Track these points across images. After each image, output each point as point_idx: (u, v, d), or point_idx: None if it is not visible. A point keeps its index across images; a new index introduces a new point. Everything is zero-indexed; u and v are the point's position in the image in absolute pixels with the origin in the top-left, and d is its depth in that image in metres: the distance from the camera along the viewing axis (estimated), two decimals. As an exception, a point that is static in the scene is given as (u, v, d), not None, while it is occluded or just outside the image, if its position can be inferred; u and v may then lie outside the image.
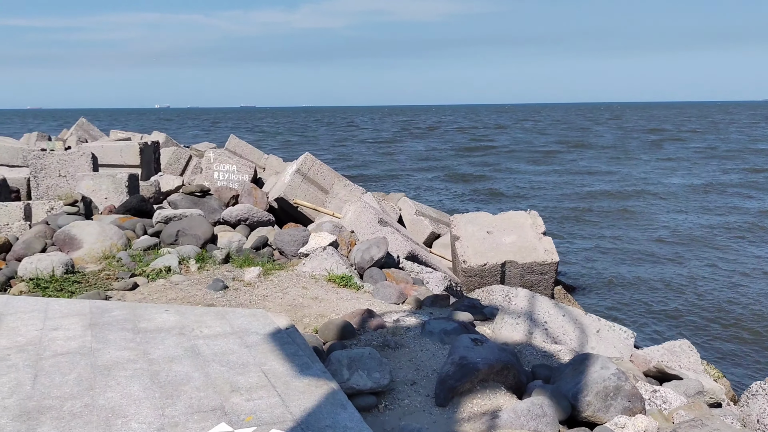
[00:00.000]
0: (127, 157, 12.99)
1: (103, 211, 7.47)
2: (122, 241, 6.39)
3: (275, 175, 14.79)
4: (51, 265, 5.35)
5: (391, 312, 5.10)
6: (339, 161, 34.85)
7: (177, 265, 5.81)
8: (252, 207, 7.17)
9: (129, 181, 9.39)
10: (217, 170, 13.13)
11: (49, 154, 10.61)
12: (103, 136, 19.73)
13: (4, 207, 7.36)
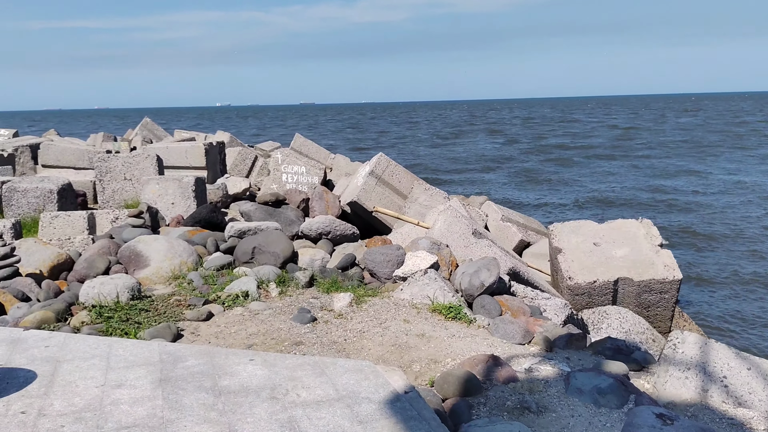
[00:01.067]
0: (192, 159, 12.49)
1: (170, 222, 6.82)
2: (192, 259, 5.69)
3: (345, 176, 14.03)
4: (115, 289, 4.68)
5: (518, 356, 4.17)
6: (402, 160, 33.30)
7: (255, 290, 5.05)
8: (334, 219, 6.35)
9: (196, 185, 8.80)
10: (285, 172, 12.47)
11: (114, 157, 10.17)
12: (167, 136, 19.51)
13: (67, 217, 6.82)
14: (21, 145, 14.30)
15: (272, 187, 12.32)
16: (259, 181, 14.35)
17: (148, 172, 10.20)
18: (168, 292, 5.16)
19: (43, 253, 5.31)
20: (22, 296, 4.77)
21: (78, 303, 4.68)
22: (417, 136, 55.24)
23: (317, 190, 11.03)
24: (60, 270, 5.39)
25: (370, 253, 5.61)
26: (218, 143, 13.58)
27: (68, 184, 9.25)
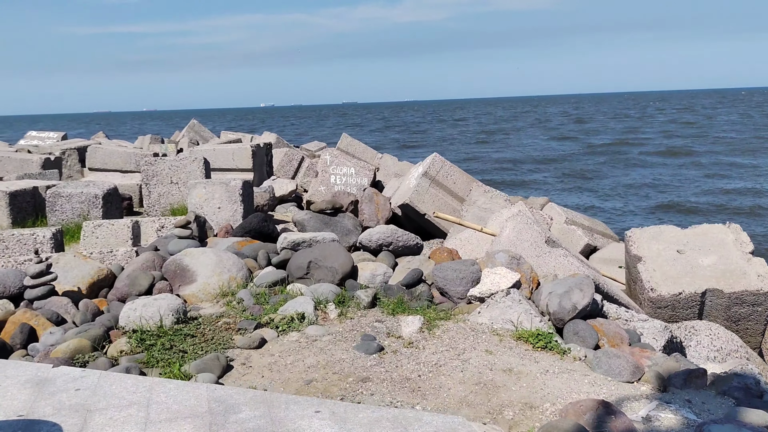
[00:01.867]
0: (239, 161, 12.08)
1: (218, 232, 6.32)
2: (242, 274, 5.15)
3: (395, 177, 13.42)
4: (158, 312, 4.16)
5: (629, 400, 3.46)
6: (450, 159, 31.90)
7: (312, 312, 4.46)
8: (396, 229, 5.72)
9: (243, 188, 8.32)
10: (333, 173, 11.91)
11: (161, 161, 9.80)
12: (213, 138, 19.26)
13: (110, 226, 6.39)
14: (68, 148, 14.16)
15: (320, 189, 11.79)
16: (306, 182, 13.87)
17: (194, 176, 9.80)
18: (216, 313, 4.62)
19: (83, 268, 4.86)
20: (56, 318, 4.30)
21: (117, 327, 4.18)
22: (462, 135, 53.96)
23: (367, 192, 10.44)
24: (100, 286, 4.93)
25: (441, 269, 4.96)
26: (265, 144, 13.14)
27: (114, 188, 8.90)
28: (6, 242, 5.87)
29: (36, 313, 4.19)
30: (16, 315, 4.13)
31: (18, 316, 4.13)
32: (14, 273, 4.61)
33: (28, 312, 4.17)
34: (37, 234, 5.95)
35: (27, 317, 4.14)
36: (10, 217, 8.75)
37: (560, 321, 4.48)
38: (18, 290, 4.59)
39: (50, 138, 17.54)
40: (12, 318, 4.12)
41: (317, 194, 11.68)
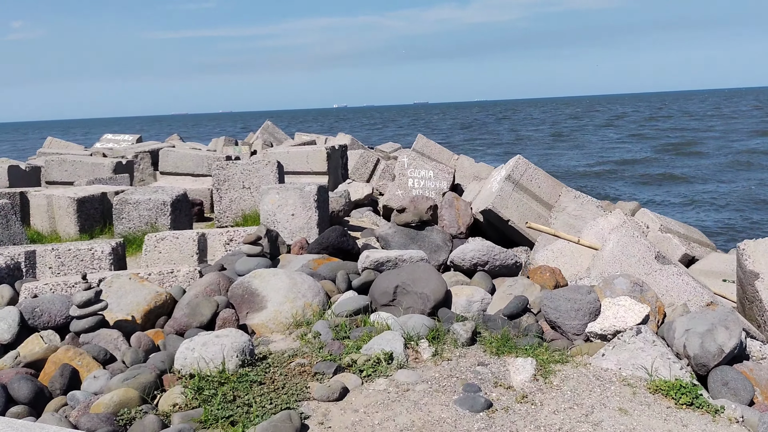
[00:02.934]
0: (313, 164, 11.50)
1: (292, 247, 5.63)
2: (319, 300, 4.44)
3: (475, 180, 12.52)
4: (221, 352, 3.49)
5: None
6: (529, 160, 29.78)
7: (402, 351, 3.69)
8: (492, 246, 4.85)
9: (318, 194, 7.67)
10: (411, 177, 11.16)
11: (233, 164, 9.31)
12: (287, 139, 18.90)
13: (174, 239, 5.84)
14: (141, 151, 14.02)
15: (397, 193, 11.07)
16: (382, 185, 13.19)
17: (267, 180, 9.26)
18: (288, 349, 3.91)
19: (138, 293, 4.28)
20: (104, 357, 3.70)
21: (173, 371, 3.55)
22: (537, 134, 51.90)
23: (447, 196, 9.65)
24: (158, 314, 4.32)
25: (552, 298, 4.06)
26: (340, 147, 12.51)
27: (183, 194, 8.45)
28: (62, 258, 5.40)
29: (80, 351, 3.60)
30: (57, 354, 3.56)
31: (59, 354, 3.56)
32: (61, 300, 4.07)
33: (71, 350, 3.59)
34: (95, 249, 5.45)
35: (69, 356, 3.56)
36: (78, 224, 8.45)
37: (703, 367, 3.51)
38: (64, 320, 4.05)
39: (125, 141, 17.63)
40: (53, 357, 3.55)
41: (394, 198, 10.97)
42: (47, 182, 11.43)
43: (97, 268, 5.45)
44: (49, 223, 8.61)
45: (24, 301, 4.09)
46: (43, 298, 4.08)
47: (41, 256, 5.39)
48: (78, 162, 11.44)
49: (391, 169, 14.06)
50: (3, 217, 7.66)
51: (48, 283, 4.39)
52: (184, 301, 4.35)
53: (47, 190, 9.15)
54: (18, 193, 9.11)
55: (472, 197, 10.47)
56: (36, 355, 3.61)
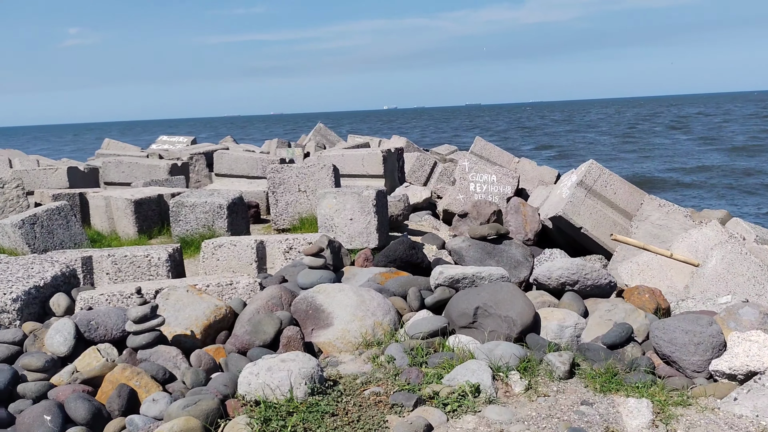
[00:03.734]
0: (369, 167, 11.16)
1: (356, 259, 5.26)
2: (389, 318, 4.05)
3: (541, 185, 11.94)
4: (288, 379, 3.13)
5: None
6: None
7: (490, 382, 3.26)
8: (582, 264, 4.35)
9: (377, 198, 7.32)
10: (473, 181, 10.70)
11: (288, 167, 9.07)
12: (340, 141, 18.66)
13: (232, 247, 5.55)
14: (196, 153, 13.97)
15: (458, 197, 10.63)
16: (439, 188, 12.76)
17: (323, 184, 8.97)
18: (359, 372, 3.53)
19: (197, 306, 3.97)
20: (163, 376, 3.40)
21: (236, 396, 3.21)
22: (599, 137, 49.94)
23: (513, 202, 9.16)
24: (218, 328, 4.01)
25: (665, 328, 3.54)
26: (396, 149, 12.15)
27: (239, 197, 8.23)
28: (118, 264, 5.17)
29: (138, 370, 3.30)
30: (114, 373, 3.27)
31: (117, 374, 3.27)
32: (116, 313, 3.80)
33: (128, 369, 3.29)
34: (152, 255, 5.20)
35: (127, 376, 3.26)
36: (136, 225, 8.34)
37: None
38: (121, 334, 3.77)
39: (180, 142, 17.70)
40: (110, 376, 3.27)
41: (455, 203, 10.58)
42: (105, 183, 11.44)
43: (154, 275, 5.20)
44: (108, 223, 8.53)
45: (79, 313, 3.84)
46: (99, 311, 3.81)
47: (98, 262, 5.17)
48: (135, 164, 11.41)
49: (449, 172, 13.62)
50: (63, 218, 7.57)
51: (104, 293, 4.14)
52: (245, 316, 4.02)
53: (105, 192, 9.09)
54: (77, 194, 9.07)
55: (539, 203, 9.96)
56: (93, 372, 3.34)
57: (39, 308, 4.19)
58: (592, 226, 8.38)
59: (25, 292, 4.09)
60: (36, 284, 4.20)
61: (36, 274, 4.33)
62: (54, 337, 3.65)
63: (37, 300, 4.18)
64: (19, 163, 13.34)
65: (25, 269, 4.39)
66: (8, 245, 7.22)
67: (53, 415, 3.00)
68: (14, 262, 4.48)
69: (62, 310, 4.18)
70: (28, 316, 4.07)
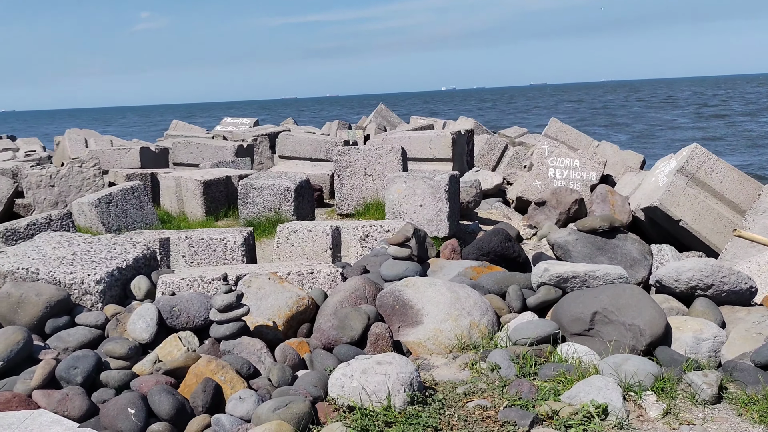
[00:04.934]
0: (437, 150, 10.72)
1: (442, 250, 4.91)
2: (487, 319, 3.69)
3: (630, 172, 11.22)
4: (384, 384, 2.83)
5: None
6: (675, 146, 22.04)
7: (621, 404, 2.87)
8: (718, 266, 3.86)
9: (449, 184, 6.95)
10: (552, 166, 10.06)
11: (355, 150, 8.79)
12: (401, 123, 18.28)
13: (307, 232, 5.29)
14: (260, 135, 13.87)
15: (535, 183, 10.06)
16: (510, 173, 12.22)
17: (391, 167, 8.65)
18: (457, 380, 3.18)
19: (279, 296, 3.72)
20: (248, 370, 3.15)
21: (327, 399, 2.94)
22: (682, 117, 44.00)
23: (599, 190, 8.52)
24: (300, 320, 3.75)
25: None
26: (466, 132, 11.67)
27: (306, 180, 8.01)
28: (195, 246, 4.99)
29: (223, 364, 3.06)
30: (199, 365, 3.03)
31: (201, 367, 3.03)
32: (199, 300, 3.58)
33: (213, 362, 3.05)
34: (228, 239, 4.99)
35: (212, 369, 3.02)
36: (204, 206, 8.24)
37: None
38: (203, 321, 3.56)
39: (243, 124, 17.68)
40: (194, 368, 3.03)
41: (531, 190, 9.99)
42: (174, 164, 11.43)
43: (229, 259, 5.00)
44: (178, 204, 8.46)
45: (161, 299, 3.63)
46: (182, 297, 3.60)
47: (175, 244, 5.00)
48: (203, 144, 11.36)
49: (520, 157, 13.04)
50: (137, 198, 7.51)
51: (184, 277, 3.93)
52: (328, 308, 3.74)
53: (176, 172, 9.02)
54: (149, 174, 9.05)
55: (628, 191, 9.24)
56: (176, 363, 3.12)
57: (120, 291, 4.02)
58: (692, 219, 7.57)
59: (108, 274, 3.91)
60: (119, 266, 4.03)
61: (118, 256, 4.16)
62: (137, 323, 3.46)
63: (119, 282, 4.01)
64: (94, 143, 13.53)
65: (108, 250, 4.23)
66: (84, 223, 7.21)
67: (137, 409, 2.79)
68: (97, 242, 4.34)
69: (143, 293, 4.01)
70: (110, 299, 3.90)
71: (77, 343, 3.49)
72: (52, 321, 3.61)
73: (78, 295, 3.82)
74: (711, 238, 7.32)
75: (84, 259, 4.03)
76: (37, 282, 3.81)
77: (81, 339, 3.51)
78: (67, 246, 4.23)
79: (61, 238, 4.35)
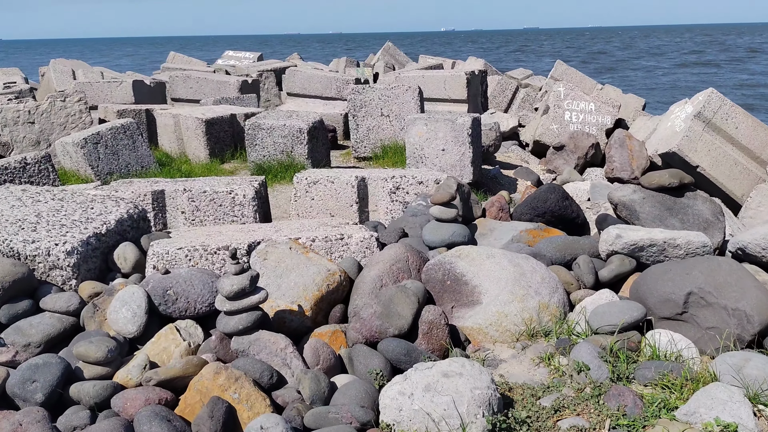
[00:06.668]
0: (451, 90, 9.77)
1: (488, 209, 4.02)
2: (557, 298, 2.88)
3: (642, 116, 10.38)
4: (454, 408, 2.04)
5: None
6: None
7: (753, 425, 2.11)
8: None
9: (473, 127, 6.12)
10: (568, 109, 9.29)
11: (370, 89, 7.87)
12: (409, 62, 17.09)
13: (329, 184, 4.40)
14: (265, 70, 12.74)
15: (551, 127, 9.23)
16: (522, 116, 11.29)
17: (408, 108, 7.74)
18: (534, 383, 2.40)
19: (304, 271, 2.86)
20: (269, 380, 2.34)
21: (380, 425, 2.15)
22: (668, 65, 44.10)
23: (617, 134, 7.79)
24: (330, 302, 2.92)
25: None
26: (480, 72, 10.64)
27: (319, 121, 7.08)
28: (196, 201, 4.11)
29: (236, 374, 2.25)
30: (203, 379, 2.22)
31: (207, 381, 2.22)
32: (201, 280, 2.73)
33: (223, 373, 2.24)
34: (236, 192, 4.11)
35: (221, 384, 2.22)
36: (207, 148, 7.33)
37: None
38: (207, 308, 2.73)
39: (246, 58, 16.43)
40: (198, 383, 2.22)
41: (548, 133, 9.23)
42: (172, 99, 10.38)
43: (239, 216, 4.14)
44: (177, 144, 7.53)
45: (152, 278, 2.78)
46: (179, 276, 2.75)
47: (171, 198, 4.12)
48: (203, 79, 10.28)
49: (531, 99, 12.07)
50: (129, 138, 6.57)
51: (182, 246, 3.07)
52: (365, 285, 2.90)
53: (174, 109, 8.03)
54: (144, 111, 8.04)
55: (642, 136, 8.50)
56: (173, 372, 2.31)
57: (100, 262, 3.13)
58: (709, 165, 7.10)
59: (82, 242, 3.02)
60: (96, 231, 3.14)
61: (96, 217, 3.27)
62: (120, 311, 2.63)
63: (97, 252, 3.11)
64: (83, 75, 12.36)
65: (83, 209, 3.34)
66: (70, 166, 6.30)
67: (121, 443, 1.99)
68: (69, 200, 3.44)
69: (130, 265, 3.14)
70: (87, 274, 3.03)
71: (43, 337, 2.68)
72: (8, 307, 2.78)
73: (44, 269, 2.95)
74: (728, 184, 6.82)
75: (52, 222, 3.14)
76: (-4, 255, 2.95)
77: (48, 331, 2.70)
78: (31, 204, 3.34)
79: (23, 193, 3.46)
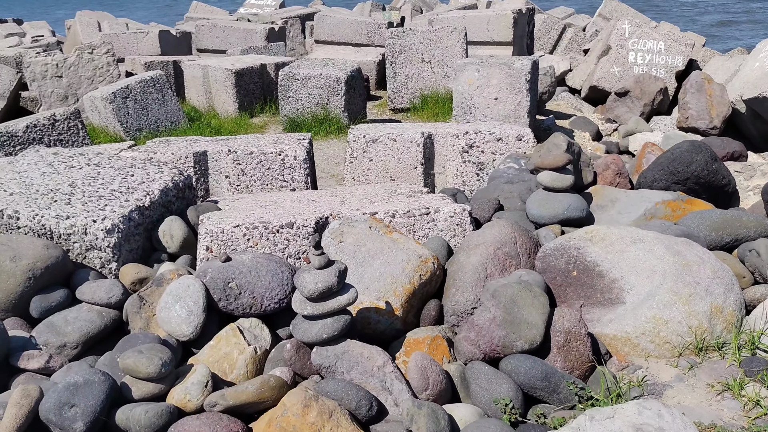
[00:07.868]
0: (495, 32, 8.83)
1: (601, 172, 3.28)
2: (733, 299, 2.16)
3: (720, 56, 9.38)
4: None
5: None
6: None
7: None
8: None
9: (531, 72, 5.36)
10: (633, 49, 8.36)
11: (410, 33, 7.04)
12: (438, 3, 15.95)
13: (391, 142, 3.69)
14: (290, 17, 11.82)
15: (612, 70, 8.33)
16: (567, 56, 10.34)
17: (453, 53, 6.92)
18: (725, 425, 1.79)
19: (390, 257, 2.17)
20: (367, 410, 1.70)
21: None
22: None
23: (694, 77, 6.93)
24: (423, 297, 2.24)
25: None
26: (528, 10, 9.63)
27: (357, 69, 6.35)
28: (242, 164, 3.44)
29: (329, 407, 1.62)
30: (289, 414, 1.57)
31: (294, 417, 1.58)
32: (269, 271, 2.08)
33: (314, 405, 1.61)
34: (287, 153, 3.42)
35: (312, 423, 1.59)
36: (237, 101, 6.64)
37: None
38: (276, 305, 2.10)
39: (268, 5, 15.41)
40: (280, 419, 1.57)
41: (608, 77, 8.32)
42: (198, 50, 9.59)
43: (289, 181, 3.47)
44: (206, 97, 6.83)
45: (210, 267, 2.13)
46: (242, 265, 2.11)
47: (214, 160, 3.45)
48: (230, 27, 9.45)
49: (579, 40, 11.05)
50: (158, 92, 5.89)
51: (239, 224, 2.40)
52: (465, 276, 2.25)
53: (201, 60, 7.29)
54: (171, 63, 7.32)
55: (721, 79, 7.60)
56: (246, 396, 1.70)
57: (143, 240, 2.50)
58: None
59: (124, 218, 2.38)
60: (139, 203, 2.50)
61: (138, 187, 2.61)
62: (172, 309, 2.01)
63: (140, 229, 2.48)
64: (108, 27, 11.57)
65: (123, 177, 2.69)
66: (98, 122, 5.66)
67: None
68: (106, 165, 2.78)
69: (177, 243, 2.51)
70: (128, 255, 2.40)
71: (80, 336, 2.10)
72: (40, 298, 2.18)
73: (79, 250, 2.34)
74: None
75: (88, 193, 2.50)
76: (16, 233, 2.34)
77: (86, 329, 2.11)
78: (64, 171, 2.70)
79: (54, 157, 2.82)
